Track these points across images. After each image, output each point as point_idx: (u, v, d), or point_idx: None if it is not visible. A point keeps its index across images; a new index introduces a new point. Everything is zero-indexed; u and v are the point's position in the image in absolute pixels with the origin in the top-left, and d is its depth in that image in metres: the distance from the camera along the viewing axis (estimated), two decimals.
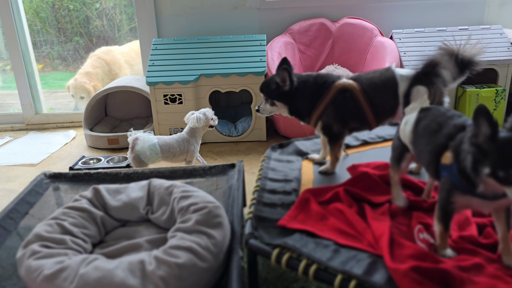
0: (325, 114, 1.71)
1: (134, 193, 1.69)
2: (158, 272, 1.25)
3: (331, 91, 1.69)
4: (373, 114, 1.69)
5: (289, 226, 1.35)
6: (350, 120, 1.73)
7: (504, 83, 3.17)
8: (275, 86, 1.75)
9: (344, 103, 1.69)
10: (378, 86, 1.68)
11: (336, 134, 1.74)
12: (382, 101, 1.68)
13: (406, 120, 1.38)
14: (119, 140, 3.12)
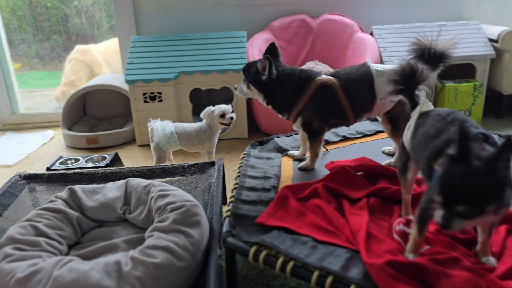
0: (305, 110, 1.71)
1: (111, 193, 1.66)
2: (134, 272, 1.23)
3: (311, 87, 1.69)
4: (352, 110, 1.69)
5: (267, 224, 1.34)
6: (330, 116, 1.73)
7: (481, 78, 3.21)
8: (254, 70, 1.74)
9: (324, 99, 1.69)
10: (356, 81, 1.68)
11: (316, 130, 1.74)
12: (359, 96, 1.69)
13: (408, 125, 1.30)
14: (98, 140, 3.07)
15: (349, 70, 1.72)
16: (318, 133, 1.75)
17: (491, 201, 0.89)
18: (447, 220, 0.93)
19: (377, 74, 1.65)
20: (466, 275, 1.04)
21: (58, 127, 3.62)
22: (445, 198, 0.92)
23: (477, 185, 0.89)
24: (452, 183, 0.91)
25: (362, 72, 1.68)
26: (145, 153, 2.99)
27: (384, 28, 3.35)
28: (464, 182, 0.90)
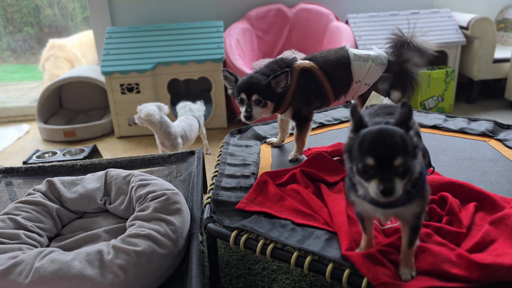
0: (293, 98, 1.71)
1: (91, 184, 1.66)
2: (116, 261, 1.24)
3: (293, 74, 1.69)
4: (332, 90, 1.73)
5: (247, 209, 1.37)
6: (313, 100, 1.75)
7: (453, 64, 3.30)
8: (266, 86, 1.63)
9: (307, 83, 1.70)
10: (334, 62, 1.72)
11: (305, 116, 1.76)
12: (337, 77, 1.72)
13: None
14: (76, 133, 3.03)
15: (327, 53, 1.76)
16: (307, 119, 1.77)
17: (409, 153, 0.91)
18: (387, 181, 0.89)
19: (354, 58, 1.70)
20: (438, 249, 1.09)
21: (33, 121, 3.56)
22: (378, 155, 0.90)
23: (396, 138, 0.91)
24: (376, 141, 0.92)
25: (341, 54, 1.72)
26: (124, 144, 2.98)
27: (359, 16, 3.40)
28: (388, 137, 0.91)
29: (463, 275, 1.02)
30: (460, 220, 1.23)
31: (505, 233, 1.16)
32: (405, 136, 0.93)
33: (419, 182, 0.98)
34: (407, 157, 0.91)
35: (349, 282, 1.07)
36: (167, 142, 2.27)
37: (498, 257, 1.06)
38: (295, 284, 1.50)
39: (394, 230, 1.21)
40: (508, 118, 3.08)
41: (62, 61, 3.95)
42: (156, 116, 2.18)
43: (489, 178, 1.58)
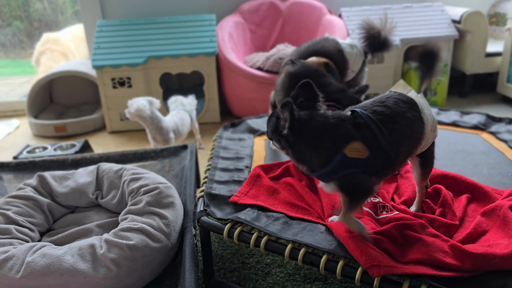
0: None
1: (82, 178, 1.64)
2: (109, 255, 1.23)
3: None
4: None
5: (240, 202, 1.36)
6: None
7: (446, 59, 3.31)
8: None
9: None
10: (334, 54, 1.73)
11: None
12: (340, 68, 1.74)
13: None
14: (67, 128, 3.00)
15: (323, 43, 1.76)
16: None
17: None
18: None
19: (345, 46, 1.77)
20: (431, 240, 1.10)
21: (23, 116, 3.52)
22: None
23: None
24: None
25: (333, 45, 1.74)
26: (116, 139, 2.95)
27: (352, 10, 3.39)
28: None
29: (455, 264, 1.02)
30: (453, 212, 1.24)
31: (497, 223, 1.17)
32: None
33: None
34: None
35: (343, 273, 1.08)
36: (158, 137, 2.25)
37: (490, 247, 1.06)
38: (289, 277, 1.50)
39: (388, 220, 1.21)
40: (500, 111, 3.11)
41: (57, 55, 3.90)
42: (147, 111, 2.16)
43: (481, 170, 1.59)
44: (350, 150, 1.02)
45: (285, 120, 1.04)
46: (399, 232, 1.14)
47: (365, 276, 1.04)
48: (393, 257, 1.08)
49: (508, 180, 1.51)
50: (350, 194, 1.06)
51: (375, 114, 1.07)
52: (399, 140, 1.07)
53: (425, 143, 1.15)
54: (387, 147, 1.03)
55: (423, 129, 1.11)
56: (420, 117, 1.11)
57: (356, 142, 1.03)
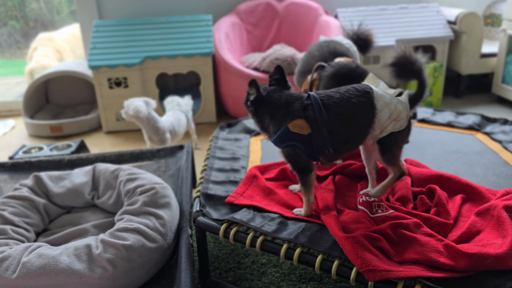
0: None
1: (78, 178, 1.65)
2: (105, 255, 1.23)
3: None
4: None
5: (236, 203, 1.37)
6: None
7: (441, 59, 3.33)
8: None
9: None
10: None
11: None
12: None
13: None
14: (63, 128, 2.99)
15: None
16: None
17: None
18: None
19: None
20: (426, 239, 1.11)
21: (19, 116, 3.50)
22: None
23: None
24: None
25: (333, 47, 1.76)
26: (112, 140, 2.95)
27: (348, 11, 3.40)
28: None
29: (450, 264, 1.03)
30: (447, 212, 1.25)
31: (491, 224, 1.18)
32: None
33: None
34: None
35: (338, 273, 1.08)
36: (155, 137, 2.25)
37: (484, 247, 1.07)
38: (284, 277, 1.51)
39: (384, 218, 1.22)
40: (495, 112, 3.12)
41: (50, 50, 3.88)
42: (144, 111, 2.16)
43: (476, 170, 1.60)
44: (293, 125, 1.19)
45: (253, 94, 1.26)
46: (394, 231, 1.14)
47: (360, 276, 1.04)
48: (388, 256, 1.09)
49: (502, 180, 1.52)
50: (292, 164, 1.24)
51: (324, 97, 1.21)
52: (340, 123, 1.19)
53: (380, 130, 1.21)
54: (323, 127, 1.18)
55: (373, 116, 1.19)
56: (371, 104, 1.19)
57: (300, 119, 1.19)
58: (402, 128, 1.22)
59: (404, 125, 1.22)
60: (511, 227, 1.13)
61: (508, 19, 3.14)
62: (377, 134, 1.22)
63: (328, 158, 1.23)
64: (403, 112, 1.20)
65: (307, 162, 1.23)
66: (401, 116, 1.20)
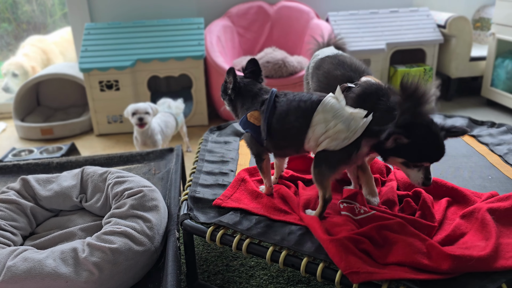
0: None
1: (66, 181, 1.64)
2: (91, 258, 1.23)
3: None
4: None
5: (223, 206, 1.37)
6: None
7: (431, 62, 3.36)
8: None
9: None
10: None
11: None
12: None
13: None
14: (54, 130, 2.98)
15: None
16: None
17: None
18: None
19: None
20: (410, 240, 1.12)
21: (10, 119, 3.49)
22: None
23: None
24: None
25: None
26: (103, 142, 2.94)
27: (339, 14, 3.42)
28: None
29: (433, 266, 1.04)
30: (432, 214, 1.26)
31: (475, 226, 1.20)
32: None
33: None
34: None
35: (324, 275, 1.09)
36: (148, 140, 2.30)
37: (468, 249, 1.09)
38: (273, 280, 1.51)
39: (368, 220, 1.22)
40: (484, 115, 3.15)
41: (36, 51, 3.87)
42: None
43: (462, 173, 1.62)
44: (250, 115, 1.32)
45: (230, 83, 1.37)
46: (378, 233, 1.15)
47: (344, 279, 1.05)
48: (373, 259, 1.10)
49: (488, 183, 1.54)
50: (249, 149, 1.38)
51: (281, 95, 1.31)
52: (280, 121, 1.27)
53: (315, 143, 1.21)
54: (264, 120, 1.28)
55: (307, 126, 1.22)
56: (311, 114, 1.21)
57: (256, 111, 1.32)
58: (338, 149, 1.15)
59: (341, 146, 1.15)
60: (495, 230, 1.14)
61: (497, 23, 3.18)
62: (313, 146, 1.22)
63: (268, 150, 1.36)
64: (342, 133, 1.14)
65: (259, 150, 1.36)
66: (339, 136, 1.14)
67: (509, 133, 1.89)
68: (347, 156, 1.17)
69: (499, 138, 1.86)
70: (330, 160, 1.18)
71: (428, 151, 1.16)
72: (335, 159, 1.18)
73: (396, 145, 1.14)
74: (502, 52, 3.24)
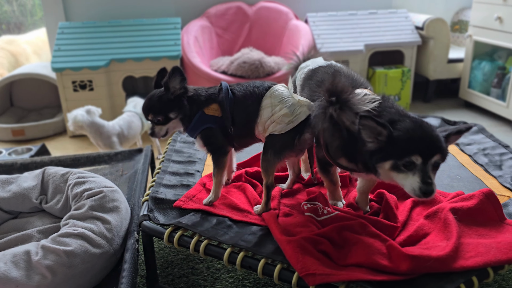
0: None
1: (26, 182, 1.58)
2: (44, 261, 1.18)
3: None
4: None
5: (185, 207, 1.33)
6: None
7: (410, 64, 3.36)
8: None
9: None
10: None
11: None
12: None
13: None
14: (25, 131, 2.91)
15: None
16: None
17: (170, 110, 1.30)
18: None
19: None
20: (370, 241, 1.09)
21: None
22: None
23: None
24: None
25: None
26: (76, 144, 2.88)
27: (318, 15, 3.41)
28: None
29: (392, 267, 1.02)
30: (395, 215, 1.24)
31: (438, 226, 1.18)
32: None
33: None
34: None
35: (281, 277, 1.06)
36: (100, 142, 2.27)
37: (427, 249, 1.06)
38: (238, 283, 1.47)
39: (330, 221, 1.20)
40: (462, 116, 3.17)
41: (4, 53, 3.78)
42: (85, 121, 2.20)
43: None
44: (208, 109, 1.30)
45: (179, 89, 1.30)
46: (339, 234, 1.13)
47: (302, 281, 1.02)
48: (332, 260, 1.07)
49: (455, 183, 1.53)
50: (209, 147, 1.33)
51: (234, 84, 1.32)
52: (240, 108, 1.28)
53: (262, 127, 1.25)
54: (227, 108, 1.27)
55: (257, 110, 1.25)
56: (260, 99, 1.26)
57: (214, 103, 1.30)
58: (282, 132, 1.19)
59: (285, 130, 1.19)
60: (456, 230, 1.12)
61: (473, 25, 3.20)
62: (261, 130, 1.26)
63: (233, 140, 1.32)
64: (286, 116, 1.20)
65: (223, 142, 1.32)
66: (283, 119, 1.20)
67: (480, 133, 1.89)
68: (291, 141, 1.21)
69: (470, 138, 1.85)
70: (275, 145, 1.22)
71: (414, 141, 1.01)
72: (279, 144, 1.21)
73: (379, 144, 1.04)
74: (479, 54, 3.26)
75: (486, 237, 1.13)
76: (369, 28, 3.34)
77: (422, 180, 1.00)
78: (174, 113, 1.31)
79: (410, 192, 1.03)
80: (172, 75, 1.27)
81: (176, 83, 1.29)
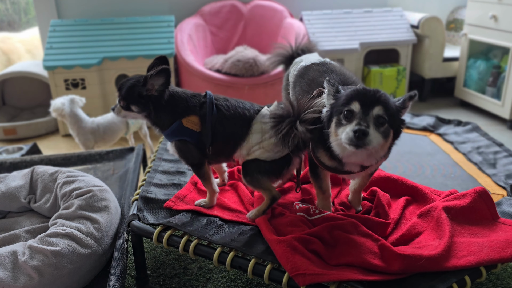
0: None
1: (14, 182, 1.56)
2: (31, 262, 1.16)
3: None
4: None
5: (175, 208, 1.31)
6: None
7: (405, 63, 3.35)
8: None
9: None
10: None
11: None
12: None
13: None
14: (17, 130, 2.88)
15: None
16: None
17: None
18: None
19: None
20: (362, 240, 1.07)
21: None
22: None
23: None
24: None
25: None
26: (69, 143, 2.85)
27: (313, 14, 3.39)
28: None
29: (384, 266, 1.00)
30: (386, 213, 1.22)
31: (431, 225, 1.16)
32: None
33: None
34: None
35: (271, 277, 1.04)
36: (75, 135, 2.18)
37: (420, 249, 1.05)
38: (231, 283, 1.45)
39: (322, 220, 1.18)
40: (457, 115, 3.15)
41: None
42: (66, 109, 2.11)
43: (425, 171, 1.59)
44: (186, 121, 1.23)
45: (155, 86, 1.24)
46: (330, 233, 1.11)
47: (292, 281, 1.00)
48: (323, 259, 1.05)
49: (449, 181, 1.51)
50: (184, 160, 1.27)
51: (220, 99, 1.25)
52: (223, 126, 1.22)
53: (247, 151, 1.20)
54: (209, 124, 1.20)
55: (246, 134, 1.20)
56: (250, 122, 1.21)
57: (194, 116, 1.23)
58: (269, 160, 1.17)
59: (271, 158, 1.17)
60: (449, 229, 1.11)
61: (469, 24, 3.19)
62: (244, 154, 1.21)
63: (208, 156, 1.25)
64: (277, 146, 1.16)
65: (198, 156, 1.25)
66: (273, 148, 1.17)
67: (474, 132, 1.88)
68: (279, 169, 1.20)
69: (464, 136, 1.84)
70: (261, 169, 1.19)
71: (354, 92, 1.04)
72: (266, 168, 1.19)
73: (331, 109, 1.07)
74: (474, 53, 3.25)
75: (479, 236, 1.12)
76: (364, 27, 3.33)
77: (357, 123, 0.98)
78: (136, 107, 1.25)
79: (345, 141, 0.99)
80: (157, 74, 1.22)
81: (157, 83, 1.23)
